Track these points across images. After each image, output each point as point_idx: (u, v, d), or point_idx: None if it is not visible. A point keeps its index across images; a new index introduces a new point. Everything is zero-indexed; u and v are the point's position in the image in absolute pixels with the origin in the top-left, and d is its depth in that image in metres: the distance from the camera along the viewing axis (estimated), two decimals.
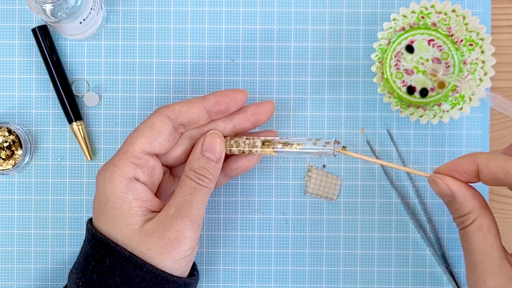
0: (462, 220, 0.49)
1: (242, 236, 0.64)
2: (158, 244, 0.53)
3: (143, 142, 0.55)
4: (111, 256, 0.53)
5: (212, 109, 0.56)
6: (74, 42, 0.64)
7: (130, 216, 0.53)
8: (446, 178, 0.49)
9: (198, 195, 0.54)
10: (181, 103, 0.56)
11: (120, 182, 0.53)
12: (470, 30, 0.60)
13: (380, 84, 0.61)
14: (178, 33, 0.64)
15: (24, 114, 0.64)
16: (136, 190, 0.54)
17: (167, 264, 0.53)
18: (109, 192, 0.54)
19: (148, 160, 0.55)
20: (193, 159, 0.56)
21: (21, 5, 0.64)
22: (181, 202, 0.54)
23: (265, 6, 0.64)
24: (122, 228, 0.53)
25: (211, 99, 0.56)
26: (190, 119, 0.56)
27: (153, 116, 0.56)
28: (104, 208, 0.54)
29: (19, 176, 0.64)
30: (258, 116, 0.58)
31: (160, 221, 0.53)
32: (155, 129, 0.55)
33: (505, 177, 0.47)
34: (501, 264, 0.48)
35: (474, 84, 0.60)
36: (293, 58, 0.64)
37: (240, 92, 0.57)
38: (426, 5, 0.60)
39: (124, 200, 0.53)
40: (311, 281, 0.64)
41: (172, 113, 0.55)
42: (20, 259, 0.64)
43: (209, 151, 0.56)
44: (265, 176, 0.64)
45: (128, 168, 0.54)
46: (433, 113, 0.61)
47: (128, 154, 0.54)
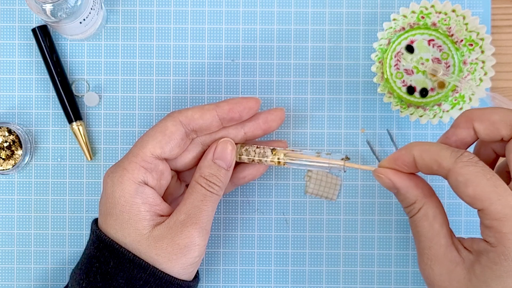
0: (409, 210, 0.50)
1: (242, 236, 0.64)
2: (168, 250, 0.53)
3: (154, 146, 0.54)
4: (115, 258, 0.53)
5: (225, 117, 0.56)
6: (74, 42, 0.64)
7: (138, 221, 0.53)
8: (388, 171, 0.50)
9: (208, 202, 0.55)
10: (195, 109, 0.56)
11: (129, 186, 0.53)
12: (470, 30, 0.60)
13: (380, 84, 0.61)
14: (178, 33, 0.64)
15: (24, 114, 0.64)
16: (145, 195, 0.54)
17: (175, 270, 0.53)
18: (117, 196, 0.53)
19: (158, 164, 0.55)
20: (204, 166, 0.56)
21: (21, 5, 0.64)
22: (192, 209, 0.54)
23: (265, 6, 0.64)
24: (131, 232, 0.53)
25: (225, 107, 0.56)
26: (203, 126, 0.56)
27: (165, 120, 0.55)
28: (112, 212, 0.54)
29: (19, 176, 0.64)
30: (269, 124, 0.58)
31: (170, 227, 0.53)
32: (167, 134, 0.55)
33: (439, 168, 0.47)
34: (447, 251, 0.48)
35: (474, 84, 0.60)
36: (293, 58, 0.64)
37: (253, 101, 0.57)
38: (426, 5, 0.60)
39: (133, 204, 0.53)
40: (311, 281, 0.64)
41: (185, 119, 0.55)
42: (20, 259, 0.64)
43: (220, 158, 0.56)
44: (265, 176, 0.64)
45: (138, 172, 0.54)
46: (433, 113, 0.61)
47: (138, 158, 0.54)
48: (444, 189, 0.64)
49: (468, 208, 0.63)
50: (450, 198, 0.64)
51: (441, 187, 0.64)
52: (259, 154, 0.57)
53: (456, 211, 0.64)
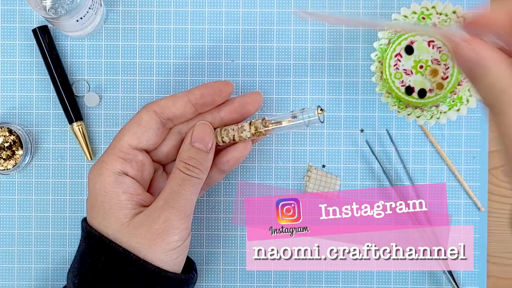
0: (499, 102, 0.39)
1: (242, 236, 0.64)
2: (147, 236, 0.53)
3: (130, 137, 0.55)
4: (105, 252, 0.53)
5: (197, 102, 0.56)
6: (74, 43, 0.64)
7: (119, 210, 0.54)
8: (478, 43, 0.40)
9: (186, 186, 0.54)
10: (167, 98, 0.56)
11: (108, 176, 0.54)
12: None
13: (379, 84, 0.61)
14: (178, 33, 0.64)
15: (24, 114, 0.64)
16: (125, 184, 0.54)
17: (156, 256, 0.53)
18: (98, 188, 0.54)
19: (136, 155, 0.55)
20: (183, 150, 0.56)
21: (21, 6, 0.64)
22: (170, 194, 0.54)
23: (265, 7, 0.64)
24: (112, 222, 0.53)
25: (196, 92, 0.56)
26: (177, 113, 0.56)
27: (140, 112, 0.56)
28: (94, 204, 0.54)
29: (20, 176, 0.64)
30: (246, 107, 0.57)
31: (149, 214, 0.53)
32: (142, 124, 0.55)
33: None
34: None
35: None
36: (293, 59, 0.64)
37: (224, 84, 0.57)
38: (427, 6, 0.60)
39: (113, 194, 0.54)
40: (310, 281, 0.64)
41: (158, 108, 0.56)
42: (21, 259, 0.64)
43: (198, 141, 0.56)
44: (265, 176, 0.64)
45: (116, 163, 0.54)
46: (431, 114, 0.61)
47: (115, 150, 0.55)
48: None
49: None
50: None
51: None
52: (238, 130, 0.56)
53: None
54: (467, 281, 0.64)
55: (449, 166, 0.64)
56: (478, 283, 0.64)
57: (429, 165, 0.64)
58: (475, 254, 0.64)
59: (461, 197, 0.64)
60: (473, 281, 0.64)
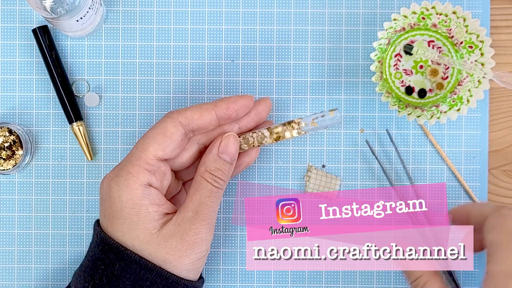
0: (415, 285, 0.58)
1: (242, 236, 0.65)
2: (178, 248, 0.54)
3: (156, 149, 0.55)
4: (120, 260, 0.53)
5: (223, 116, 0.57)
6: (74, 43, 0.64)
7: (148, 221, 0.54)
8: None
9: (214, 197, 0.55)
10: (193, 109, 0.56)
11: (136, 189, 0.54)
12: (470, 32, 0.60)
13: (379, 83, 0.61)
14: (178, 33, 0.64)
15: (24, 114, 0.64)
16: (152, 196, 0.54)
17: (185, 266, 0.54)
18: (125, 199, 0.54)
19: (160, 166, 0.55)
20: (209, 160, 0.56)
21: (21, 6, 0.64)
22: (199, 206, 0.55)
23: (265, 7, 0.64)
24: (140, 233, 0.54)
25: (223, 106, 0.57)
26: (201, 126, 0.56)
27: (165, 122, 0.56)
28: (119, 215, 0.54)
29: (20, 176, 0.64)
30: (260, 115, 0.59)
31: (178, 224, 0.54)
32: (168, 136, 0.55)
33: None
34: None
35: (478, 68, 0.59)
36: (292, 59, 0.64)
37: (248, 98, 0.58)
38: (427, 6, 0.60)
39: (142, 207, 0.54)
40: (310, 281, 0.64)
41: (184, 119, 0.56)
42: (21, 259, 0.64)
43: (224, 152, 0.56)
44: (265, 176, 0.64)
45: (143, 175, 0.54)
46: (431, 113, 0.61)
47: (142, 161, 0.54)
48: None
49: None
50: None
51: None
52: (257, 138, 0.59)
53: None
54: (467, 281, 0.64)
55: (449, 166, 0.64)
56: (478, 283, 0.64)
57: (429, 165, 0.64)
58: (475, 254, 0.64)
59: (461, 197, 0.64)
60: (473, 281, 0.64)
